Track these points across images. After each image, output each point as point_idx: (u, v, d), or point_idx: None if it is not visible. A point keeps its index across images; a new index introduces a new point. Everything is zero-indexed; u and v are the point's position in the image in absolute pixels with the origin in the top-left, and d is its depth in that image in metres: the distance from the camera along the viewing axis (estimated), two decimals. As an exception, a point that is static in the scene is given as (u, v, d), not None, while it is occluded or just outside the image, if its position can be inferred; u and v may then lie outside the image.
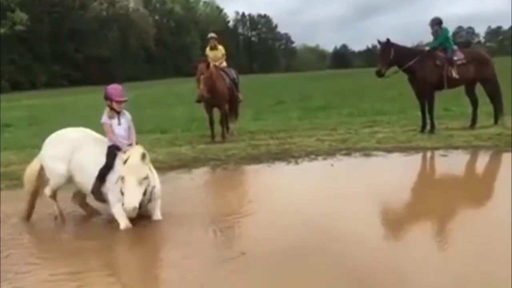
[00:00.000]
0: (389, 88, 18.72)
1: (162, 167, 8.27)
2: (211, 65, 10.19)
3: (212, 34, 11.18)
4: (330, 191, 6.28)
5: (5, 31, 55.73)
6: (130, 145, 5.49)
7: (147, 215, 5.40)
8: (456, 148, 8.54)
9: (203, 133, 11.10)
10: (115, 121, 5.55)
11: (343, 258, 4.17)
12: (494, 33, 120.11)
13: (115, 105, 5.51)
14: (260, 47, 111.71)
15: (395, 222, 5.26)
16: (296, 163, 8.09)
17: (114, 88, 5.57)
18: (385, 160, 8.10)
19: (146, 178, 5.01)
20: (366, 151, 8.62)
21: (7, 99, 35.57)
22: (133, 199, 4.87)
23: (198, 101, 10.19)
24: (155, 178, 5.39)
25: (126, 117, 5.68)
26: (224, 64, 10.93)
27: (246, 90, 26.79)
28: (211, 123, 10.34)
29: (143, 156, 5.01)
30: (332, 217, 5.30)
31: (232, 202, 6.16)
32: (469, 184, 6.79)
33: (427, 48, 10.11)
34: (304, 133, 10.79)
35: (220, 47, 11.02)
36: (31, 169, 5.94)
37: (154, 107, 20.71)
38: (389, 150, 8.63)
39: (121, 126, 5.58)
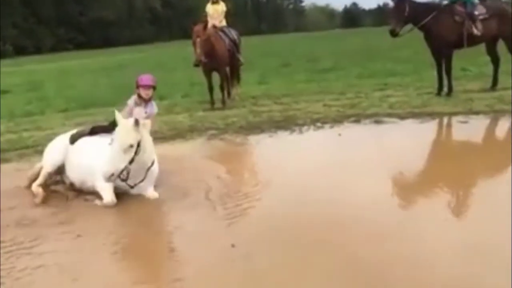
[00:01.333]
0: (402, 47, 17.70)
1: (156, 137, 7.68)
2: (210, 25, 9.40)
3: None
4: (336, 165, 5.63)
5: (7, -7, 54.43)
6: None
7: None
8: (477, 113, 7.78)
9: (204, 99, 10.38)
10: (139, 109, 5.33)
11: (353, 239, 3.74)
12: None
13: (142, 91, 5.31)
14: (269, 7, 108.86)
15: (407, 197, 4.72)
16: (300, 132, 7.41)
17: (144, 75, 5.45)
18: (397, 128, 7.39)
19: (133, 146, 4.55)
20: (377, 118, 7.89)
21: (10, 64, 34.99)
22: (113, 164, 4.46)
23: (196, 65, 9.45)
24: (154, 156, 4.99)
25: (151, 109, 5.45)
26: (224, 23, 10.10)
27: (253, 52, 26.00)
28: (210, 88, 9.62)
29: (136, 123, 4.59)
30: (339, 193, 4.69)
31: (225, 179, 5.52)
32: (491, 155, 6.06)
33: (445, 2, 9.19)
34: (311, 97, 10.04)
35: (222, 3, 10.18)
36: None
37: (156, 71, 19.88)
38: (402, 117, 7.89)
39: (142, 116, 5.21)
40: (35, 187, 5.07)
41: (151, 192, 4.97)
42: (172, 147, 7.07)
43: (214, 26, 9.52)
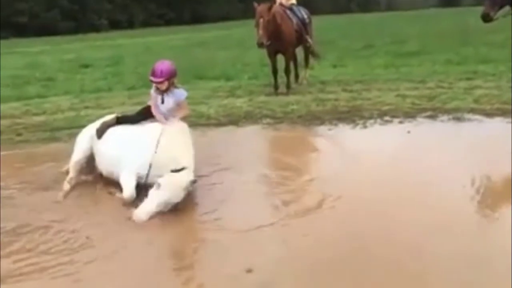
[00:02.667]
0: (500, 30, 15.76)
1: (209, 123, 7.27)
2: (277, 2, 8.72)
3: None
4: (397, 171, 4.80)
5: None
6: None
7: None
8: None
9: (270, 82, 9.77)
10: (159, 97, 4.79)
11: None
12: None
13: (154, 83, 4.73)
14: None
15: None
16: (364, 126, 6.59)
17: (158, 64, 4.69)
18: (481, 127, 6.31)
19: None
20: (457, 113, 6.85)
21: (102, 37, 36.55)
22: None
23: (260, 45, 8.83)
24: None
25: (177, 96, 4.81)
26: (294, 1, 9.35)
27: (337, 32, 24.91)
28: (275, 71, 8.97)
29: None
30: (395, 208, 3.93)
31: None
32: None
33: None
34: (385, 85, 9.08)
35: None
36: None
37: (233, 49, 19.61)
38: (489, 114, 6.78)
39: (164, 105, 4.80)
40: (65, 183, 4.81)
41: None
42: (221, 134, 6.59)
43: (282, 4, 8.82)
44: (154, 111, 4.79)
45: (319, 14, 12.31)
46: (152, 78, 4.64)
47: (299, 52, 9.75)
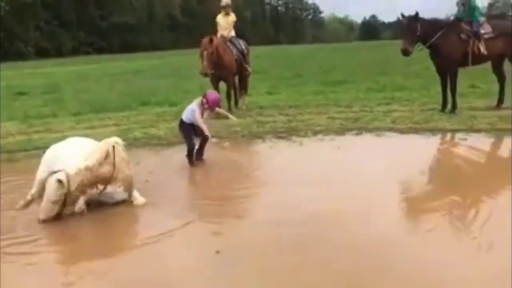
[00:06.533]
0: (415, 62, 17.70)
1: (160, 144, 7.92)
2: (219, 35, 9.62)
3: (227, 1, 10.56)
4: (324, 176, 5.76)
5: (31, -4, 55.63)
6: None
7: None
8: (478, 131, 7.82)
9: (212, 107, 10.57)
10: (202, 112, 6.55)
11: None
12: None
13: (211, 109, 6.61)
14: (287, 17, 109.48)
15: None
16: (301, 143, 7.54)
17: (215, 96, 6.75)
18: (397, 142, 7.49)
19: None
20: (378, 132, 8.01)
21: (31, 66, 35.75)
22: None
23: (204, 74, 9.67)
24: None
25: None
26: (233, 34, 10.32)
27: (268, 61, 26.33)
28: (217, 97, 9.80)
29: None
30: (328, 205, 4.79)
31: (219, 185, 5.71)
32: (488, 173, 6.09)
33: (451, 17, 9.28)
34: (316, 109, 10.18)
35: (232, 14, 10.42)
36: None
37: (170, 78, 20.30)
38: (403, 131, 7.99)
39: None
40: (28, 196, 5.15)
41: (137, 198, 5.06)
42: (171, 152, 7.28)
43: (223, 37, 9.74)
44: (200, 122, 6.38)
45: (251, 45, 13.29)
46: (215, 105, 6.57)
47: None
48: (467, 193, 5.10)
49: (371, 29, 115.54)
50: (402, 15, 9.07)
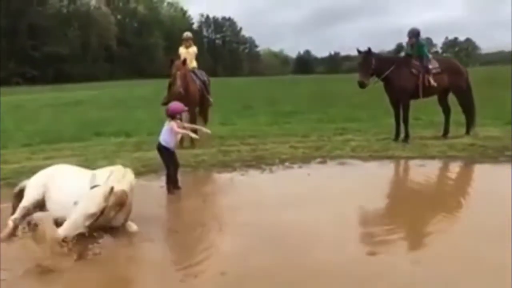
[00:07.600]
0: (357, 93, 18.60)
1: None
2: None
3: (188, 34, 10.74)
4: (306, 201, 5.97)
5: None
6: None
7: None
8: (432, 158, 8.40)
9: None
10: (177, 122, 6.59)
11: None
12: (451, 44, 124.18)
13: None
14: (224, 50, 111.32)
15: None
16: (271, 171, 7.74)
17: (177, 107, 6.63)
18: (360, 169, 7.87)
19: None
20: (341, 160, 8.38)
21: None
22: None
23: (165, 103, 9.67)
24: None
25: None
26: (195, 65, 10.48)
27: (213, 93, 26.50)
28: (180, 127, 9.84)
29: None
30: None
31: (209, 212, 5.75)
32: (444, 196, 6.58)
33: (402, 54, 10.00)
34: (276, 139, 10.46)
35: (194, 46, 10.61)
36: None
37: (116, 109, 20.00)
38: (365, 159, 8.41)
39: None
40: (9, 221, 4.99)
41: (132, 225, 5.04)
42: (146, 182, 7.19)
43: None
44: (179, 130, 6.50)
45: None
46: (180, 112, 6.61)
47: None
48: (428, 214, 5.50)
49: (305, 63, 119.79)
50: (358, 51, 9.68)
